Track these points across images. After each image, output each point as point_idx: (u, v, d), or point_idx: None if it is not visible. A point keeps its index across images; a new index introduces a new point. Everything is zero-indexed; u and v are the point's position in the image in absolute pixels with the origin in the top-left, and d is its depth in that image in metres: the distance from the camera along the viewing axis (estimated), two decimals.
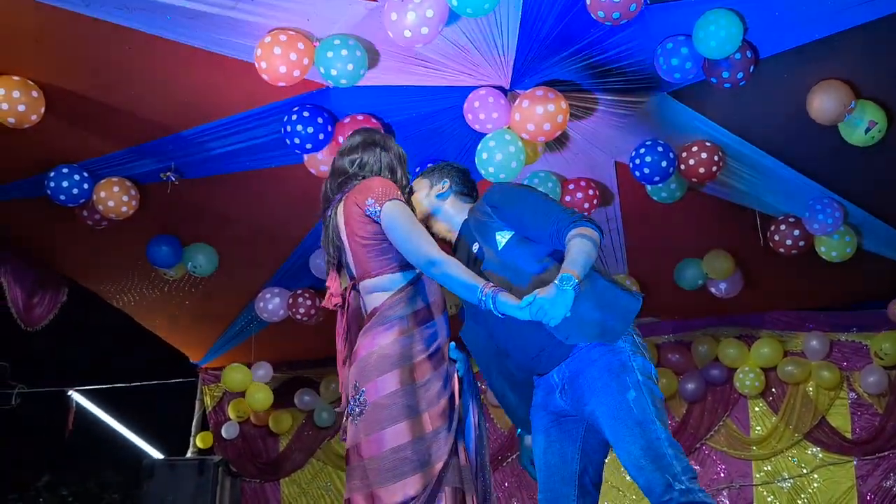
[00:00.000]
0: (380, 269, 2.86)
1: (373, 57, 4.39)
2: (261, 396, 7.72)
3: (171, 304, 7.07)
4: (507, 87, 4.66)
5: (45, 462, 10.94)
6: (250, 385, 7.73)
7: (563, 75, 4.61)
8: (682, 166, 5.11)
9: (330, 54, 4.22)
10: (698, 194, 5.57)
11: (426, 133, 5.12)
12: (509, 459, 7.75)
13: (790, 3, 4.11)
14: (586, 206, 5.53)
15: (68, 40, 4.35)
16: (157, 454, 9.24)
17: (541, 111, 4.48)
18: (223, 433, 8.12)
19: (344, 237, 2.94)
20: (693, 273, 6.46)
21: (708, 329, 7.42)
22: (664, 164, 5.05)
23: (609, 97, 4.84)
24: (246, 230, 6.22)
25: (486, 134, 4.72)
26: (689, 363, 7.43)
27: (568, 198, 5.50)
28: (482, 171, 4.77)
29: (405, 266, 2.85)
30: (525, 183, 5.37)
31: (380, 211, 2.80)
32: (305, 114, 4.75)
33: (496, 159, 4.66)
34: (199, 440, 8.17)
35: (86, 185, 5.26)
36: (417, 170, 5.30)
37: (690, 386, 7.35)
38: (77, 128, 5.00)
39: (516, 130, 4.61)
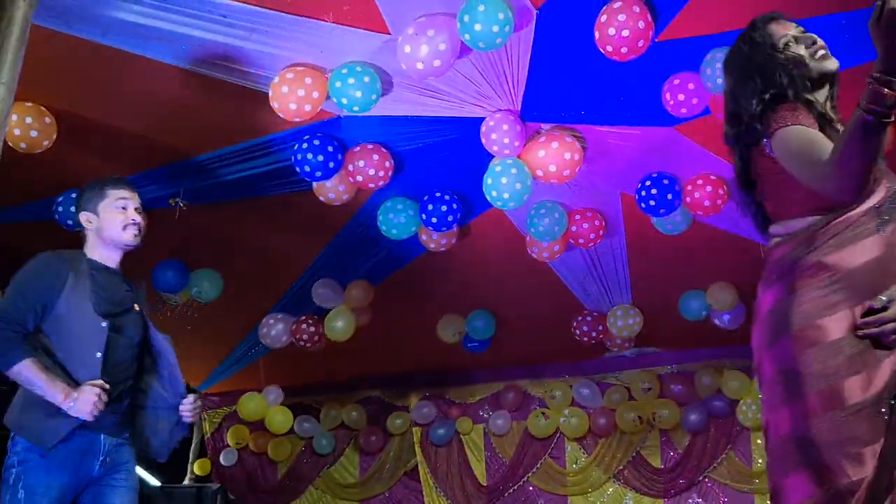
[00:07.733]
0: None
1: (385, 86, 4.43)
2: (280, 419, 7.71)
3: (172, 329, 7.04)
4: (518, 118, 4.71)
5: None
6: (268, 410, 7.69)
7: (571, 107, 4.66)
8: (688, 199, 5.15)
9: (338, 84, 4.26)
10: (703, 226, 5.60)
11: (435, 163, 5.16)
12: (511, 490, 7.75)
13: None
14: (592, 236, 5.57)
15: (82, 68, 4.39)
16: (153, 481, 9.18)
17: (562, 156, 4.65)
18: (221, 460, 8.09)
19: None
20: (697, 304, 6.48)
21: (711, 360, 7.40)
22: (670, 196, 5.09)
23: (616, 130, 4.88)
24: (252, 256, 6.23)
25: (494, 163, 4.77)
26: (691, 394, 7.41)
27: (574, 227, 5.54)
28: (490, 198, 4.80)
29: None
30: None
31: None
32: (316, 142, 4.80)
33: (507, 186, 4.70)
34: (197, 467, 8.13)
35: None
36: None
37: (693, 417, 7.33)
38: (88, 153, 5.03)
39: (531, 167, 4.67)
